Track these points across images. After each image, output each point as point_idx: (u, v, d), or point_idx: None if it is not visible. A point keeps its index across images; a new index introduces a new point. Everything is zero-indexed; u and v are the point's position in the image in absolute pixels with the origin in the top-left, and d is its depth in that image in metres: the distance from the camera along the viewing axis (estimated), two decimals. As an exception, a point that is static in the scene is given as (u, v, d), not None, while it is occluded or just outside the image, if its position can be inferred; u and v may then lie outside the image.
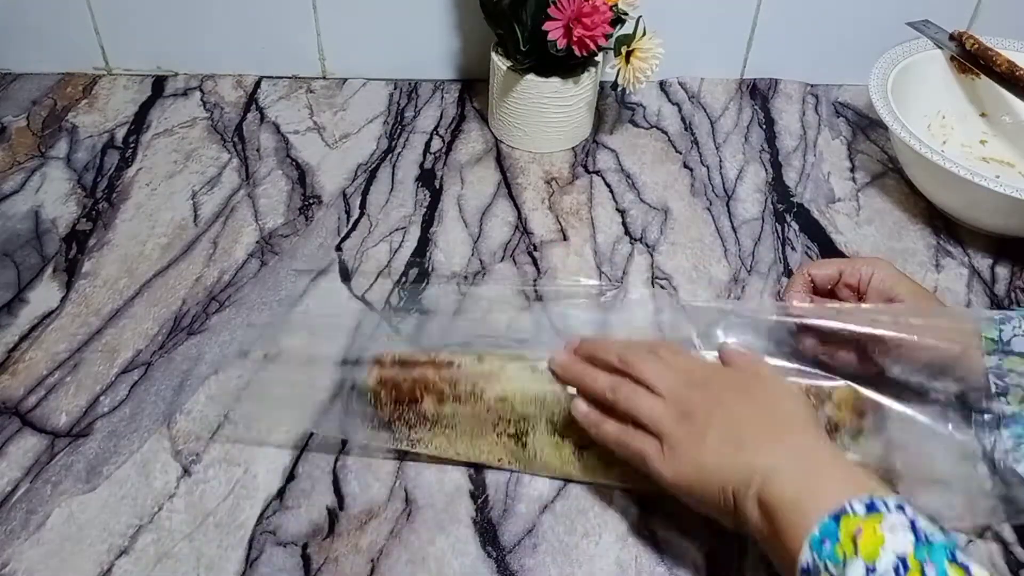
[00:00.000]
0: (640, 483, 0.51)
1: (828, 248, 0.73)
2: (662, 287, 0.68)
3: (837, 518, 0.39)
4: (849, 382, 0.52)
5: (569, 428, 0.52)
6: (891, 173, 0.81)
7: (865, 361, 0.57)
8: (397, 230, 0.73)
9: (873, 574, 0.36)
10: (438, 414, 0.53)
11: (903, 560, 0.36)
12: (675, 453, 0.46)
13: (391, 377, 0.53)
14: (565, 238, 0.72)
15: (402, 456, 0.55)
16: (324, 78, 0.91)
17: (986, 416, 0.52)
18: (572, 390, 0.52)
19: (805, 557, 0.39)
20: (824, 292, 0.60)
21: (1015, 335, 0.53)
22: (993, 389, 0.54)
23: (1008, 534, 0.52)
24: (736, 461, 0.44)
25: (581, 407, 0.51)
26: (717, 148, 0.83)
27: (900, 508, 0.39)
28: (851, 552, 0.37)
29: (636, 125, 0.86)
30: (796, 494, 0.41)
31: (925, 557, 0.36)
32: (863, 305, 0.57)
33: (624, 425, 0.49)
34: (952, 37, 0.81)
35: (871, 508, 0.39)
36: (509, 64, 0.78)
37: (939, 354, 0.54)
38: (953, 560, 0.36)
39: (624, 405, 0.49)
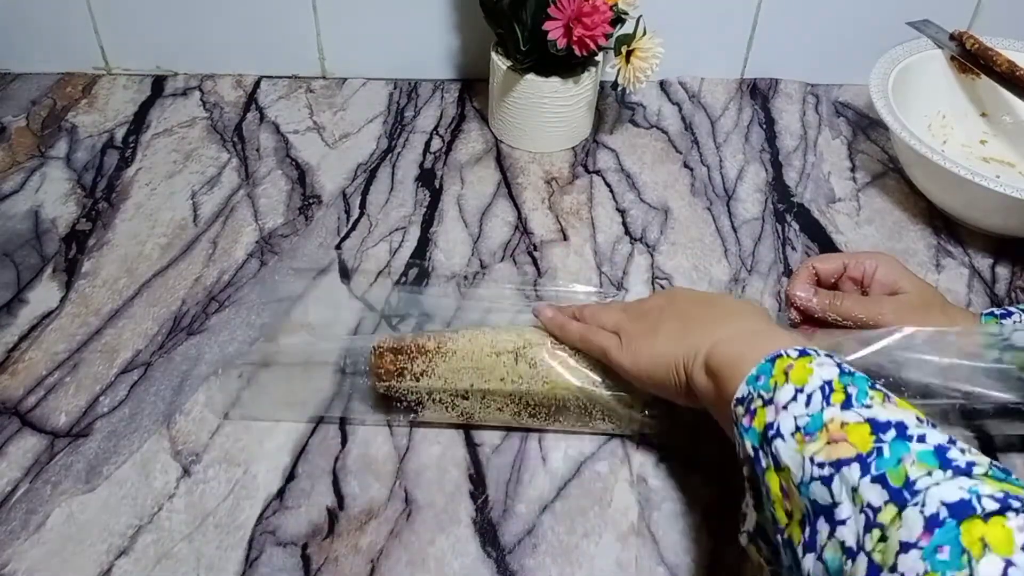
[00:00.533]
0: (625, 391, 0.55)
1: (828, 248, 0.73)
2: (662, 287, 0.68)
3: (772, 360, 0.42)
4: None
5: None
6: (891, 173, 0.81)
7: None
8: (397, 230, 0.73)
9: (800, 393, 0.40)
10: (438, 351, 0.55)
11: (828, 383, 0.40)
12: (632, 345, 0.51)
13: (388, 345, 0.56)
14: (565, 238, 0.72)
15: (402, 456, 0.55)
16: (324, 78, 0.91)
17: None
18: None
19: (740, 390, 0.43)
20: (828, 285, 0.60)
21: (1016, 330, 0.53)
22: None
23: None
24: (684, 342, 0.49)
25: (546, 310, 0.57)
26: (717, 148, 0.83)
27: (830, 356, 0.42)
28: (782, 380, 0.41)
29: (636, 125, 0.86)
30: (738, 353, 0.45)
31: (849, 381, 0.40)
32: (867, 332, 0.58)
33: (586, 325, 0.55)
34: (952, 37, 0.81)
35: (803, 353, 0.42)
36: (509, 64, 0.78)
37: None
38: (873, 387, 0.40)
39: (591, 319, 0.55)
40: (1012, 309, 0.55)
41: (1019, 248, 0.72)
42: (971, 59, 0.79)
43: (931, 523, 0.32)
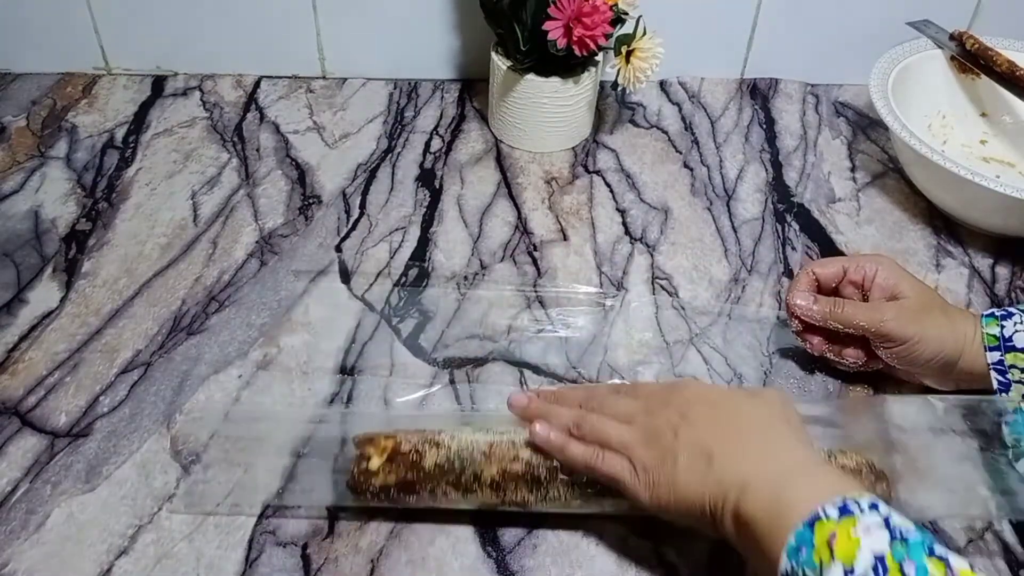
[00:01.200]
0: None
1: (828, 248, 0.73)
2: (662, 287, 0.68)
3: (811, 524, 0.38)
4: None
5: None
6: (891, 173, 0.81)
7: (872, 358, 0.58)
8: (397, 230, 0.73)
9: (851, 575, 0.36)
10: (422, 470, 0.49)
11: (881, 559, 0.36)
12: (648, 476, 0.46)
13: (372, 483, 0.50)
14: (565, 238, 0.72)
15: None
16: (324, 78, 0.91)
17: (988, 413, 0.52)
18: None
19: (783, 566, 0.38)
20: (828, 290, 0.60)
21: (1017, 331, 0.53)
22: (995, 385, 0.54)
23: (1008, 535, 0.52)
24: (708, 479, 0.44)
25: (541, 430, 0.49)
26: (717, 148, 0.83)
27: (874, 507, 0.38)
28: (827, 558, 0.37)
29: (636, 125, 0.86)
30: (769, 507, 0.41)
31: (904, 555, 0.36)
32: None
33: (592, 446, 0.48)
34: (952, 37, 0.81)
35: (844, 511, 0.38)
36: (509, 64, 0.78)
37: (943, 350, 0.55)
38: (931, 554, 0.36)
39: (591, 436, 0.48)
40: (1012, 310, 0.55)
41: (1019, 248, 0.72)
42: (971, 59, 0.79)
43: None
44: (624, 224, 0.74)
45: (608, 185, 0.78)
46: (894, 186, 0.79)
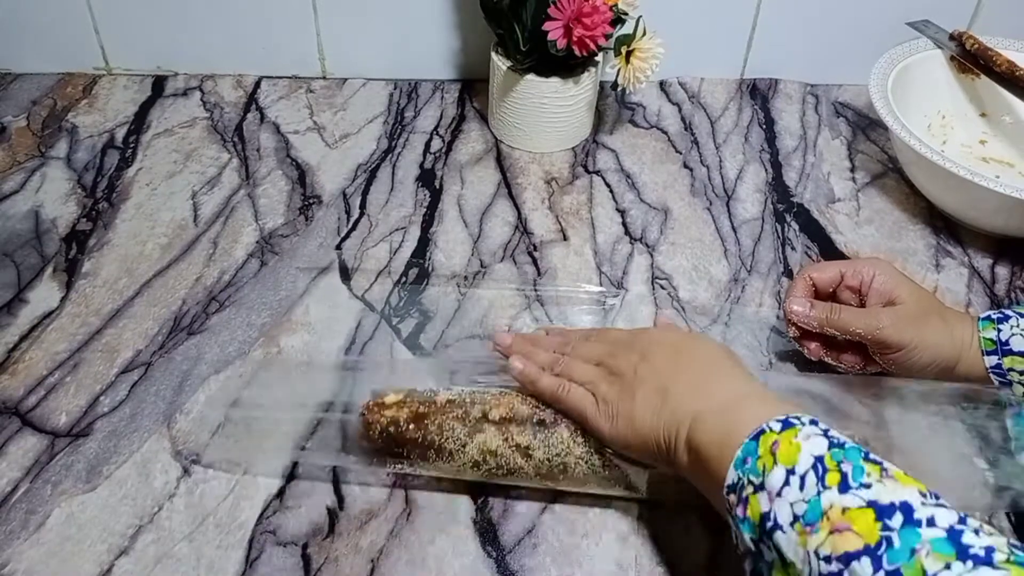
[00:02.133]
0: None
1: (828, 248, 0.73)
2: (662, 287, 0.68)
3: (756, 438, 0.41)
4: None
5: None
6: (891, 173, 0.81)
7: (869, 362, 0.58)
8: (397, 230, 0.73)
9: (792, 475, 0.38)
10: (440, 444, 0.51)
11: (820, 459, 0.38)
12: (609, 409, 0.49)
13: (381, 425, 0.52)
14: (565, 238, 0.73)
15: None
16: (324, 78, 0.91)
17: (987, 412, 0.52)
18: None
19: (730, 476, 0.41)
20: (826, 295, 0.60)
21: (1013, 334, 0.53)
22: (996, 386, 0.54)
23: (1007, 532, 0.52)
24: (663, 412, 0.47)
25: (517, 362, 0.53)
26: (717, 148, 0.83)
27: (814, 422, 0.41)
28: (770, 463, 0.39)
29: (636, 125, 0.86)
30: (718, 432, 0.43)
31: (841, 456, 0.38)
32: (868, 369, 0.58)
33: (559, 379, 0.52)
34: (952, 37, 0.81)
35: (786, 424, 0.41)
36: (509, 64, 0.78)
37: (940, 356, 0.55)
38: (866, 458, 0.38)
39: (563, 374, 0.52)
40: (1009, 312, 0.55)
41: (1019, 248, 0.72)
42: (971, 59, 0.79)
43: None
44: (624, 224, 0.74)
45: (608, 185, 0.78)
46: (894, 186, 0.79)
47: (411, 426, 0.51)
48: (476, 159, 0.81)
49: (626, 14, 0.75)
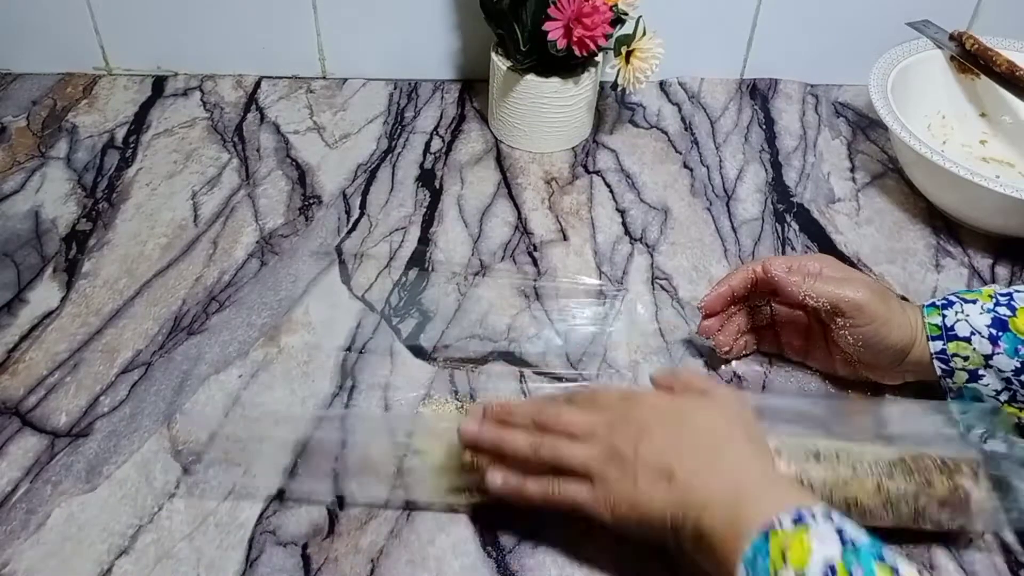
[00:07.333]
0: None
1: (828, 248, 0.73)
2: (662, 287, 0.68)
3: (766, 534, 0.39)
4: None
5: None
6: (891, 173, 0.81)
7: (810, 350, 0.60)
8: (397, 230, 0.73)
9: None
10: None
11: (831, 567, 0.37)
12: (609, 495, 0.46)
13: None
14: (565, 238, 0.73)
15: (402, 455, 0.55)
16: (324, 78, 0.91)
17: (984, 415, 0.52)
18: None
19: (739, 572, 0.40)
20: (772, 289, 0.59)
21: (958, 320, 0.54)
22: (938, 373, 0.55)
23: (1008, 535, 0.52)
24: (668, 497, 0.44)
25: (497, 478, 0.48)
26: (717, 148, 0.83)
27: (827, 517, 0.40)
28: (780, 564, 0.38)
29: (636, 125, 0.86)
30: (727, 522, 0.42)
31: (853, 560, 0.37)
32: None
33: (547, 479, 0.48)
34: (952, 37, 0.81)
35: (798, 520, 0.39)
36: (509, 64, 0.78)
37: (904, 337, 0.55)
38: (881, 560, 0.37)
39: (550, 458, 0.47)
40: (952, 299, 0.55)
41: (1019, 248, 0.72)
42: (971, 59, 0.79)
43: None
44: (624, 224, 0.74)
45: (608, 185, 0.78)
46: (894, 186, 0.79)
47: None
48: (476, 159, 0.81)
49: (626, 14, 0.75)
